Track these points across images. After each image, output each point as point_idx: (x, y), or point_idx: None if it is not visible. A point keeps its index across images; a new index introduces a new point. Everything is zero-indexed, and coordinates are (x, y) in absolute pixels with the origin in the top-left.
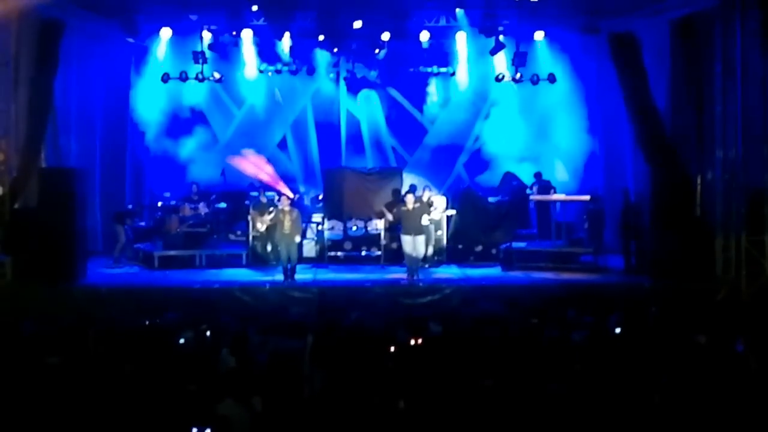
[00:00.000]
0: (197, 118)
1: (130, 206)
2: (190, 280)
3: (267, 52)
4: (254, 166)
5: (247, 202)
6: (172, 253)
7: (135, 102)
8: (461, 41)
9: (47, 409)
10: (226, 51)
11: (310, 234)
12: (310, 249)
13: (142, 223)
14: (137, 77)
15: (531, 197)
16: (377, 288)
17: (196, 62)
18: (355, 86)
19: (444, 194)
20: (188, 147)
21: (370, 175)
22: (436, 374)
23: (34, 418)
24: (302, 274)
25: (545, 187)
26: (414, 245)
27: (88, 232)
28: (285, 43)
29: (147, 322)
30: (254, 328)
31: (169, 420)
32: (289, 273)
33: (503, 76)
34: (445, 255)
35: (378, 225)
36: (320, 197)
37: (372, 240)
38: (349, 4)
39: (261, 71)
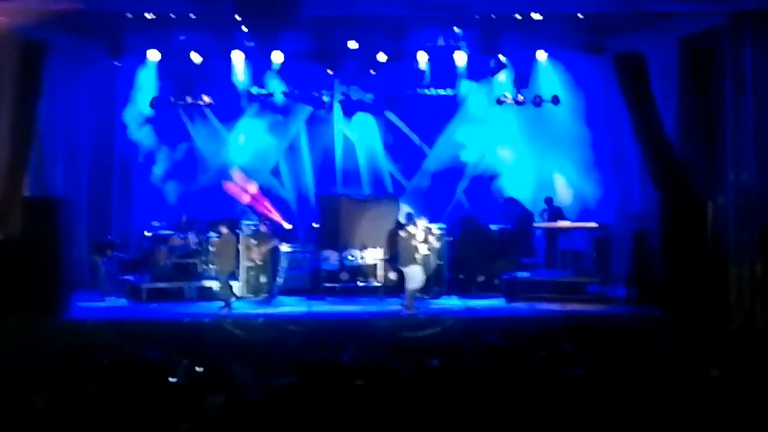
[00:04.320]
0: (186, 143)
1: (109, 237)
2: (179, 313)
3: (259, 75)
4: (242, 189)
5: (238, 230)
6: (161, 285)
7: (122, 127)
8: (460, 62)
9: None
10: (215, 74)
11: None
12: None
13: (123, 255)
14: (124, 101)
15: (537, 225)
16: (375, 321)
17: (185, 85)
18: (350, 109)
19: (444, 221)
20: (177, 174)
21: (366, 202)
22: (437, 411)
23: None
24: (297, 307)
25: (556, 213)
26: (413, 276)
27: (74, 263)
28: (277, 66)
29: (134, 358)
30: (246, 363)
31: None
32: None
33: (505, 98)
34: (445, 285)
35: (376, 255)
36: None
37: (369, 270)
38: (343, 24)
39: (253, 94)
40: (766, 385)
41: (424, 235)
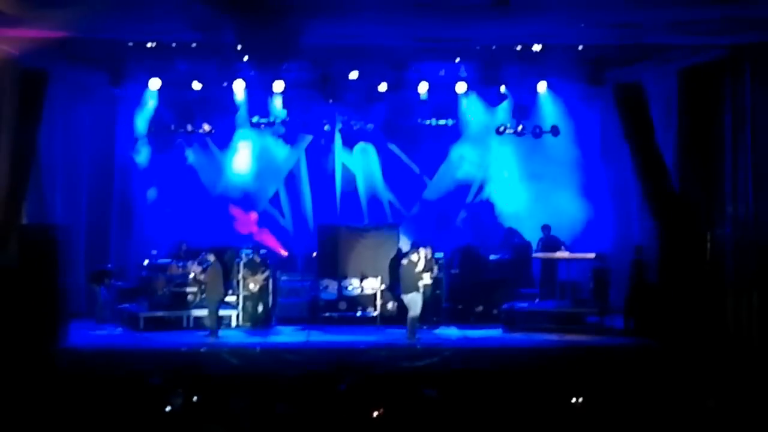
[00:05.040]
0: (187, 171)
1: (107, 265)
2: (176, 342)
3: (259, 104)
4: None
5: (237, 260)
6: (158, 314)
7: (122, 155)
8: (461, 93)
9: None
10: (216, 102)
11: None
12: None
13: (121, 284)
14: (125, 129)
15: (535, 254)
16: (373, 350)
17: (186, 113)
18: (350, 139)
19: (443, 251)
20: (177, 202)
21: (366, 231)
22: None
23: None
24: (294, 336)
25: (553, 241)
26: (414, 305)
27: (71, 291)
28: (278, 95)
29: (132, 386)
30: (244, 392)
31: None
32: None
33: (504, 129)
34: (444, 315)
35: (374, 284)
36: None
37: (368, 300)
38: (344, 54)
39: (253, 123)
40: (763, 415)
41: (426, 264)
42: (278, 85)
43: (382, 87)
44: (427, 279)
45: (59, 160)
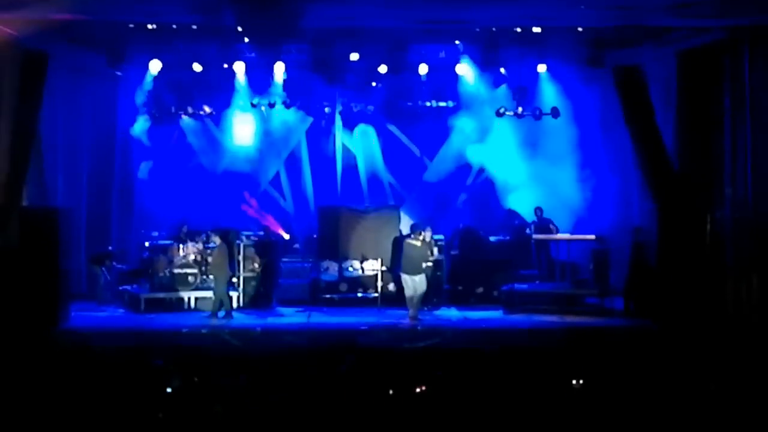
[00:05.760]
0: (187, 153)
1: (110, 248)
2: (177, 323)
3: (260, 86)
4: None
5: (238, 241)
6: (159, 295)
7: (123, 137)
8: (461, 74)
9: None
10: (217, 84)
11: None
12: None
13: (121, 266)
14: (125, 111)
15: (533, 236)
16: (374, 331)
17: (187, 95)
18: (351, 121)
19: (443, 233)
20: (178, 184)
21: (366, 213)
22: (436, 421)
23: None
24: (295, 318)
25: (545, 224)
26: (414, 285)
27: (73, 273)
28: (279, 76)
29: (132, 367)
30: (244, 373)
31: None
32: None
33: (504, 111)
34: (444, 297)
35: (375, 266)
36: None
37: (368, 281)
38: (345, 36)
39: (254, 105)
40: (763, 397)
41: (429, 246)
42: (279, 67)
43: (383, 69)
44: (429, 260)
45: (60, 142)
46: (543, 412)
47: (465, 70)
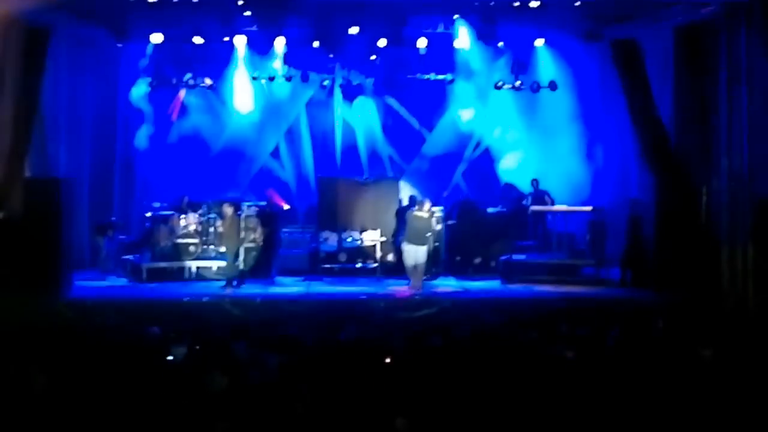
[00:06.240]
0: (188, 125)
1: (113, 218)
2: (178, 292)
3: (261, 59)
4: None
5: (239, 213)
6: (161, 265)
7: (125, 109)
8: (459, 48)
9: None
10: (218, 57)
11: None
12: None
13: (123, 237)
14: (127, 83)
15: (530, 208)
16: (373, 301)
17: (187, 68)
18: (350, 94)
19: (442, 204)
20: (179, 155)
21: (365, 184)
22: (434, 390)
23: None
24: (295, 287)
25: (541, 195)
26: (416, 256)
27: (75, 243)
28: (279, 50)
29: (134, 336)
30: (245, 342)
31: None
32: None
33: (503, 84)
34: (442, 267)
35: (374, 236)
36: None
37: (367, 252)
38: (345, 10)
39: (254, 78)
40: (756, 365)
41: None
42: (279, 41)
43: (382, 42)
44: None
45: (63, 115)
46: (540, 380)
47: (463, 43)
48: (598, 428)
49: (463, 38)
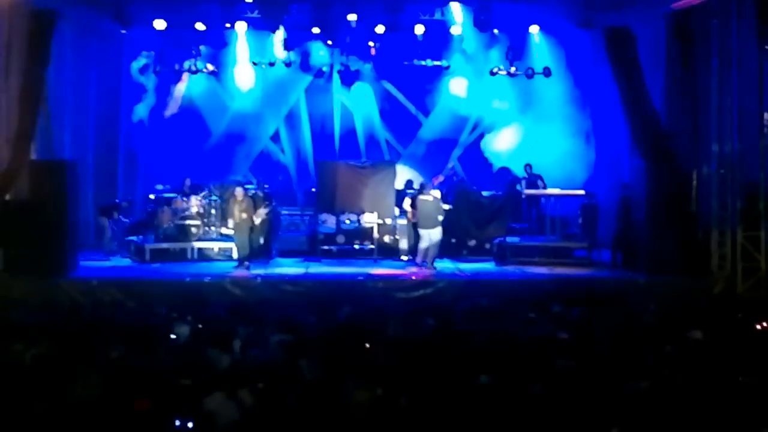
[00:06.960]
0: (190, 110)
1: (117, 200)
2: (181, 273)
3: (261, 45)
4: None
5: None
6: (164, 245)
7: (128, 94)
8: (456, 34)
9: (36, 402)
10: (219, 43)
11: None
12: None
13: (126, 219)
14: (130, 68)
15: (524, 191)
16: (370, 282)
17: (189, 54)
18: (349, 79)
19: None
20: (181, 139)
21: (363, 168)
22: (429, 370)
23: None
24: (294, 268)
25: (534, 179)
26: (430, 237)
27: (80, 225)
28: (279, 36)
29: (138, 315)
30: (246, 321)
31: (157, 412)
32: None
33: (498, 70)
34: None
35: (371, 219)
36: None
37: (365, 234)
38: None
39: (255, 63)
40: (745, 347)
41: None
42: (279, 27)
43: (380, 29)
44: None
45: (68, 98)
46: (533, 358)
47: (459, 30)
48: (590, 408)
49: (459, 25)
